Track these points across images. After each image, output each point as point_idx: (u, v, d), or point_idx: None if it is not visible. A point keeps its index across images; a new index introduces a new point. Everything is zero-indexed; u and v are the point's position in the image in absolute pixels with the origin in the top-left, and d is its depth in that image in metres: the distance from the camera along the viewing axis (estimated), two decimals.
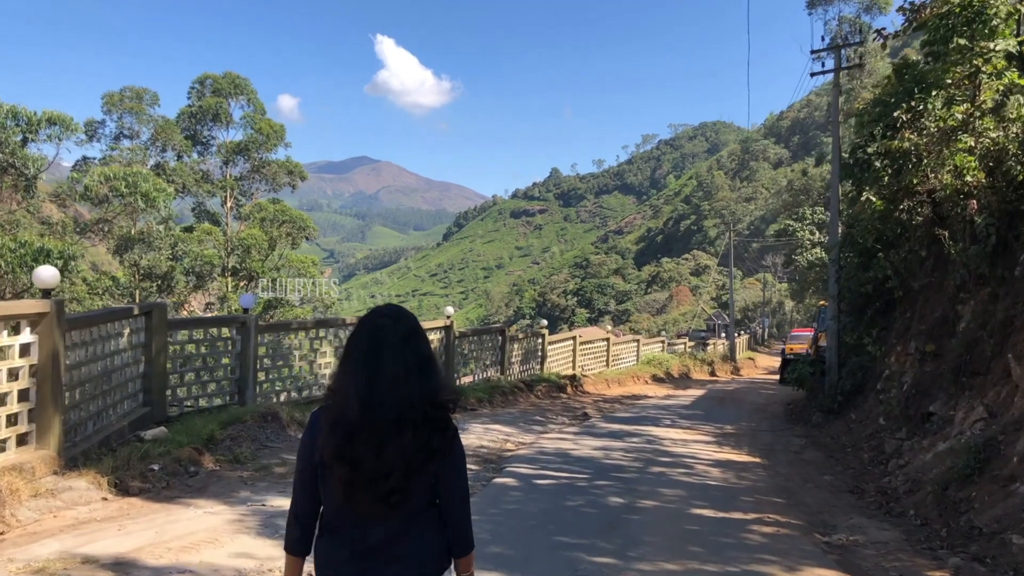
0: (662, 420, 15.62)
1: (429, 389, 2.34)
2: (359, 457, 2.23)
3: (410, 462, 2.27)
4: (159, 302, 10.22)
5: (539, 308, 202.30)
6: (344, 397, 2.29)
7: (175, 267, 41.69)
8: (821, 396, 17.23)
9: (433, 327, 17.04)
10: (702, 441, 12.77)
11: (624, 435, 12.74)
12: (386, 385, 2.26)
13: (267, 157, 50.15)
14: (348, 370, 2.33)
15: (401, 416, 2.26)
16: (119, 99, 48.17)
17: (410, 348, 2.35)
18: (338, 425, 2.26)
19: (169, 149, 48.60)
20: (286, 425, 10.51)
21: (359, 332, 2.39)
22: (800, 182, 79.89)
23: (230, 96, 50.21)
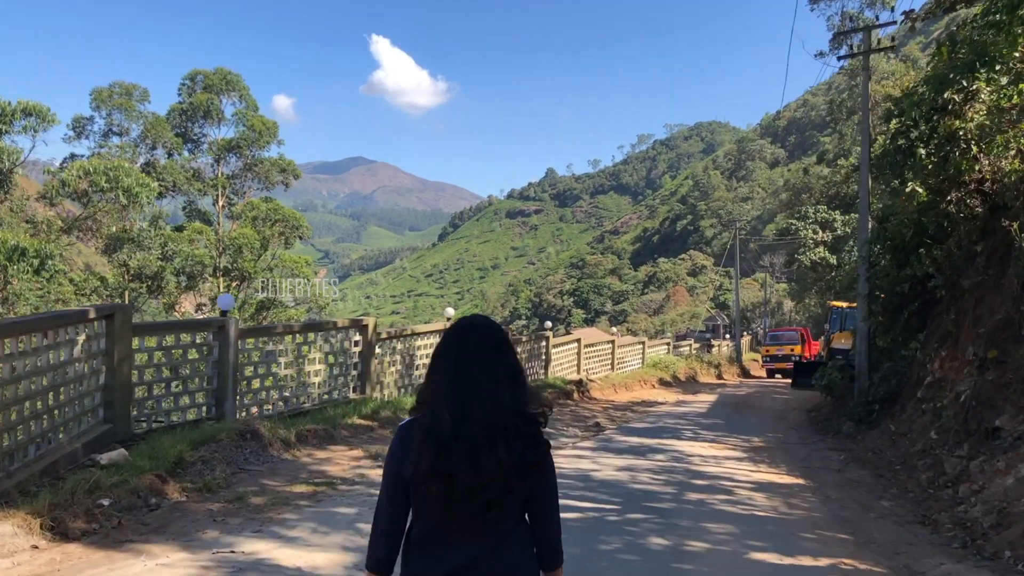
0: (682, 432, 14.34)
1: (519, 401, 2.29)
2: (455, 471, 2.17)
3: (507, 476, 2.21)
4: (121, 304, 8.92)
5: (535, 309, 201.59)
6: (434, 410, 2.25)
7: (165, 267, 40.88)
8: (851, 404, 15.96)
9: (432, 330, 15.79)
10: (733, 458, 11.49)
11: (647, 451, 11.48)
12: (476, 397, 2.23)
13: (259, 155, 49.25)
14: (437, 382, 2.30)
15: (493, 429, 2.21)
16: (108, 95, 47.00)
17: (499, 358, 2.31)
18: (430, 439, 2.21)
19: (159, 146, 47.51)
20: (268, 444, 9.22)
21: (447, 343, 2.37)
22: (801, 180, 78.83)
23: (222, 92, 49.20)
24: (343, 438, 10.53)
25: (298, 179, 52.18)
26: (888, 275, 14.76)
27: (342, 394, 12.83)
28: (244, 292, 44.98)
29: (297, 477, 8.48)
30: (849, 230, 59.22)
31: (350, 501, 7.63)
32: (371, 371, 13.34)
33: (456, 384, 2.24)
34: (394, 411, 12.26)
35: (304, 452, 9.60)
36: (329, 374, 12.61)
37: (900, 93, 31.18)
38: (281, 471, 8.67)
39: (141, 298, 40.89)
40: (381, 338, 13.91)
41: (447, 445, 2.18)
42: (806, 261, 60.80)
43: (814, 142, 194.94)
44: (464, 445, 2.18)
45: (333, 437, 10.39)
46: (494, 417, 2.21)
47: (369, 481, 8.50)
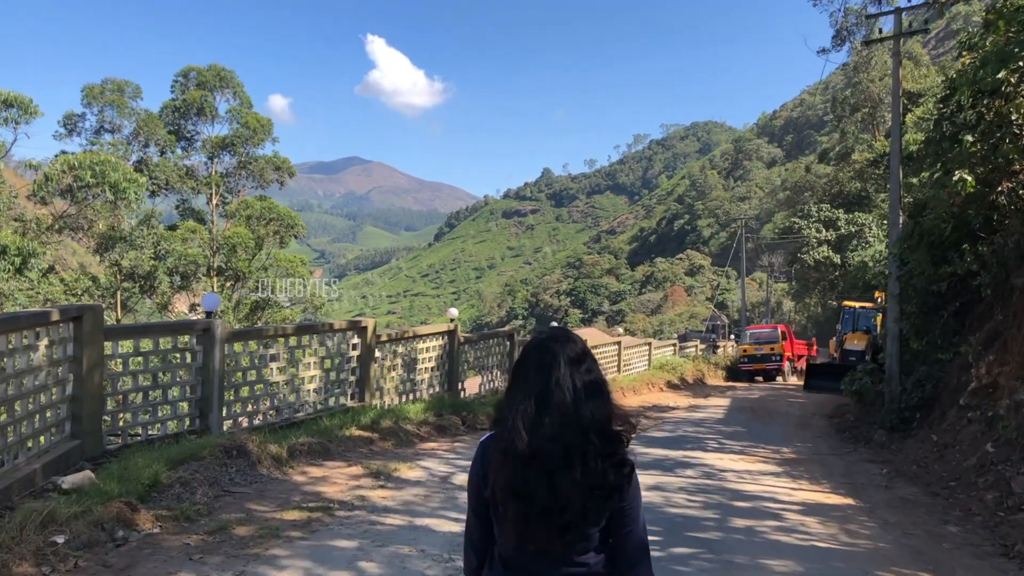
0: (706, 442, 13.32)
1: (600, 417, 2.17)
2: (531, 492, 2.11)
3: (585, 498, 2.11)
4: (91, 305, 7.90)
5: (532, 309, 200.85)
6: (512, 426, 2.15)
7: (158, 267, 40.26)
8: (881, 410, 14.95)
9: (435, 332, 14.78)
10: (769, 473, 10.49)
11: (674, 465, 10.47)
12: (553, 413, 2.13)
13: (254, 152, 48.49)
14: (515, 397, 2.21)
15: (570, 446, 2.11)
16: (100, 91, 46.15)
17: (580, 372, 2.20)
18: (507, 457, 2.15)
19: (152, 144, 46.71)
20: (256, 461, 8.19)
21: (526, 356, 2.29)
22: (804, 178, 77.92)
23: (215, 89, 48.41)
24: (340, 453, 9.50)
25: (293, 177, 51.49)
26: (923, 273, 13.78)
27: (339, 402, 11.81)
28: (238, 292, 44.35)
29: (289, 500, 7.47)
30: (853, 229, 58.49)
31: (349, 532, 6.62)
32: (370, 377, 12.32)
33: (534, 399, 2.16)
34: (395, 421, 11.25)
35: (297, 469, 8.58)
36: (325, 380, 11.59)
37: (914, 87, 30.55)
38: (271, 493, 7.65)
39: (134, 298, 40.25)
40: (381, 341, 12.88)
41: (524, 463, 2.11)
42: (809, 260, 59.81)
43: (812, 141, 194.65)
44: (540, 463, 2.10)
45: (329, 452, 9.36)
46: (571, 435, 2.11)
47: (370, 505, 7.50)
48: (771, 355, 35.48)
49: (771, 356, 35.43)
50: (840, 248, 58.84)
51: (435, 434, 11.84)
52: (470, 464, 2.35)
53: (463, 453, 10.42)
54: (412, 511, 7.38)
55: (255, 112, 49.25)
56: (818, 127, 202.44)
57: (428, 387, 14.42)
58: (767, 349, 35.65)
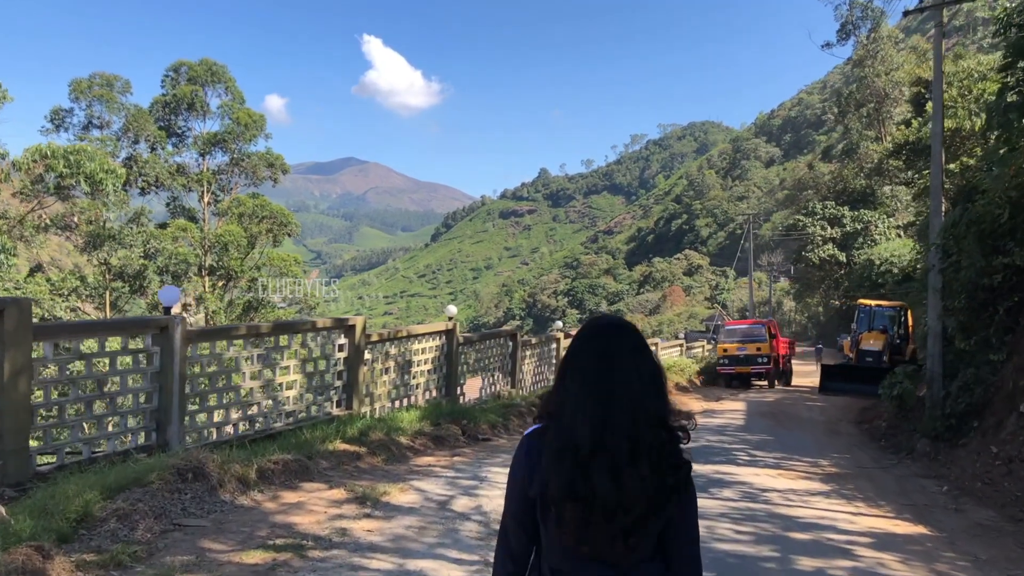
0: (734, 454, 11.92)
1: (663, 409, 2.00)
2: (595, 491, 1.90)
3: (651, 495, 1.92)
4: (16, 298, 6.46)
5: (529, 309, 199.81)
6: (570, 420, 1.96)
7: (148, 266, 39.40)
8: (922, 416, 13.56)
9: (432, 331, 13.41)
10: (817, 492, 9.10)
11: (708, 484, 9.08)
12: (620, 404, 1.94)
13: (246, 149, 47.44)
14: (572, 388, 2.00)
15: (637, 442, 1.92)
16: (88, 86, 45.02)
17: (642, 361, 2.01)
18: (565, 454, 1.94)
19: (142, 140, 45.66)
20: (218, 485, 6.79)
21: (583, 345, 2.06)
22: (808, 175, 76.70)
23: (207, 84, 47.40)
24: (321, 471, 8.11)
25: (286, 174, 50.52)
26: (972, 265, 12.39)
27: (323, 410, 10.42)
28: (231, 292, 43.43)
29: (253, 536, 6.07)
30: (859, 226, 57.27)
31: None
32: (359, 381, 10.91)
33: (596, 389, 1.96)
34: (386, 432, 9.85)
35: (268, 494, 7.17)
36: (307, 386, 10.20)
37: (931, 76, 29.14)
38: (232, 525, 6.26)
39: (123, 298, 39.38)
40: (371, 341, 11.48)
41: (586, 461, 1.92)
42: (814, 259, 58.63)
43: (810, 141, 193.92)
44: (606, 460, 1.91)
45: (308, 471, 7.96)
46: (639, 428, 1.93)
47: (353, 541, 6.11)
48: (756, 356, 29.37)
49: (756, 358, 29.36)
50: (845, 246, 57.69)
51: (432, 446, 10.46)
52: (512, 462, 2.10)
53: (464, 470, 9.03)
54: (403, 549, 6.01)
55: (247, 108, 48.24)
56: (816, 126, 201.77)
57: (424, 392, 13.05)
58: (752, 349, 29.38)
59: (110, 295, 38.74)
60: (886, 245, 51.83)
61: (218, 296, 42.43)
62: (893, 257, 48.78)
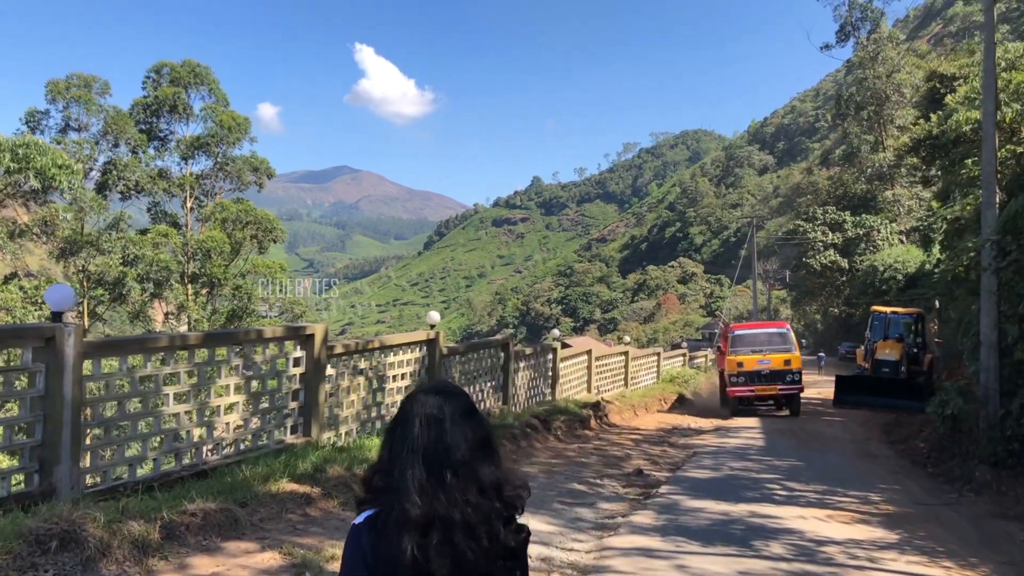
0: (766, 486, 10.06)
1: (498, 478, 1.90)
2: (433, 565, 1.78)
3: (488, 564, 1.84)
4: None
5: (523, 317, 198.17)
6: (402, 494, 1.82)
7: (127, 273, 37.76)
8: (977, 438, 11.78)
9: (411, 342, 11.64)
10: (886, 544, 7.15)
11: (748, 533, 7.25)
12: (449, 474, 1.84)
13: (230, 153, 45.68)
14: (398, 458, 1.88)
15: (469, 513, 1.82)
16: (65, 87, 43.07)
17: (473, 427, 1.93)
18: (401, 530, 1.79)
19: (122, 143, 43.71)
20: (99, 554, 4.98)
21: (409, 411, 1.94)
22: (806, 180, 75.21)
23: (189, 86, 45.50)
24: (255, 524, 6.30)
25: (272, 178, 48.75)
26: None
27: (274, 438, 8.61)
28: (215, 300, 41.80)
29: None
30: (861, 232, 55.71)
31: None
32: (319, 402, 9.11)
33: (423, 459, 1.86)
34: (349, 465, 8.02)
35: (173, 562, 5.36)
36: (253, 409, 8.41)
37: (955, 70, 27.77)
38: None
39: (103, 307, 37.76)
40: (335, 354, 9.68)
41: (421, 535, 1.80)
42: (816, 264, 57.05)
43: (803, 148, 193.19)
44: (439, 534, 1.80)
45: (237, 524, 6.15)
46: (472, 498, 1.84)
47: None
48: (784, 373, 21.75)
49: (784, 374, 21.74)
50: (847, 252, 56.14)
51: None
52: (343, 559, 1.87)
53: None
54: None
55: (231, 111, 46.52)
56: (810, 133, 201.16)
57: None
58: (777, 362, 21.82)
59: (89, 303, 37.26)
60: (889, 251, 50.33)
61: (201, 304, 40.79)
62: (897, 263, 47.26)
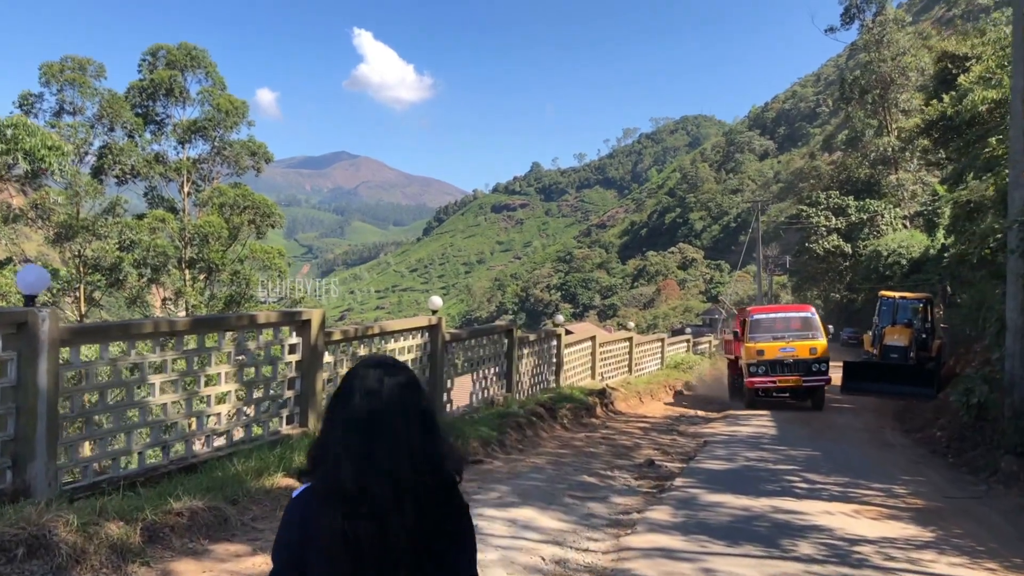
0: (785, 478, 9.58)
1: (434, 453, 1.88)
2: (361, 537, 1.75)
3: (421, 544, 1.80)
4: None
5: (522, 303, 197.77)
6: (332, 465, 1.81)
7: (124, 258, 37.46)
8: (1000, 428, 11.34)
9: (412, 328, 11.17)
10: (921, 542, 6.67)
11: (774, 531, 6.77)
12: (384, 444, 1.82)
13: (228, 137, 45.16)
14: (335, 431, 1.86)
15: (401, 485, 1.79)
16: (59, 69, 42.44)
17: (410, 402, 1.89)
18: (331, 500, 1.78)
19: (118, 127, 43.20)
20: (72, 560, 4.51)
21: (348, 385, 1.92)
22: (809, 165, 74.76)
23: (186, 69, 44.92)
24: (247, 524, 5.84)
25: (270, 163, 48.26)
26: None
27: (269, 429, 8.15)
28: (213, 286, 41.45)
29: None
30: (864, 216, 55.27)
31: None
32: (316, 391, 8.64)
33: (359, 430, 1.83)
34: None
35: (156, 567, 4.90)
36: (246, 399, 7.94)
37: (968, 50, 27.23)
38: None
39: (97, 292, 37.47)
40: (333, 340, 9.21)
41: (352, 506, 1.77)
42: (818, 249, 56.63)
43: (804, 133, 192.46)
44: (370, 505, 1.77)
45: (227, 524, 5.70)
46: (404, 470, 1.80)
47: None
48: (811, 362, 19.22)
49: (811, 364, 19.20)
50: (850, 237, 55.72)
51: None
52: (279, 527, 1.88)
53: None
54: None
55: (228, 94, 45.93)
56: (811, 119, 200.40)
57: None
58: (803, 350, 19.35)
59: (86, 289, 36.98)
60: (893, 236, 49.91)
61: (199, 290, 40.44)
62: (901, 248, 46.86)
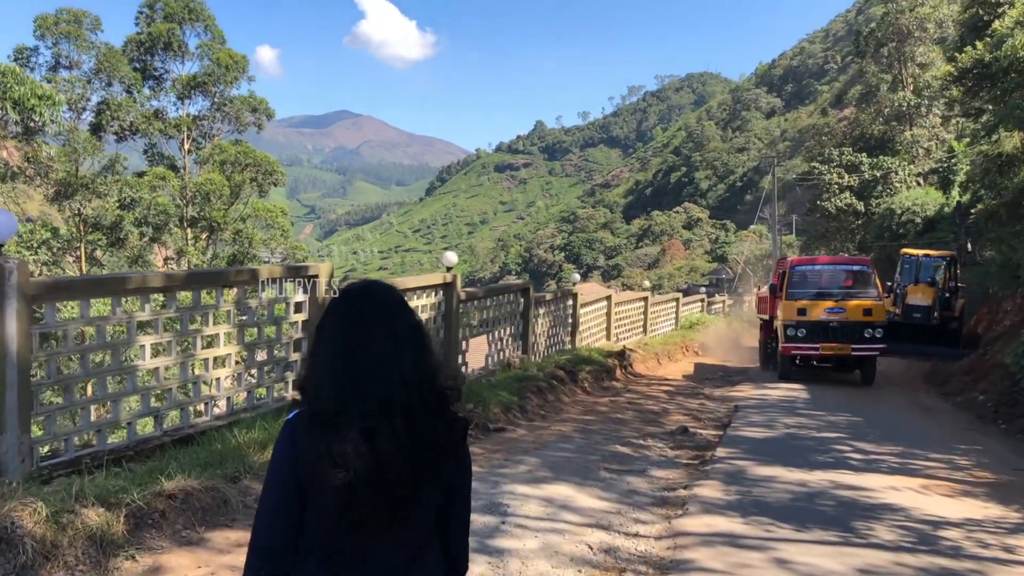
0: (836, 448, 8.70)
1: (425, 367, 1.82)
2: (348, 455, 1.70)
3: (413, 458, 1.75)
4: None
5: (525, 264, 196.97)
6: (316, 387, 1.79)
7: (124, 217, 36.76)
8: None
9: (426, 285, 10.42)
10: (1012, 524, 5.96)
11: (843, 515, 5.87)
12: (370, 361, 1.76)
13: (228, 93, 44.13)
14: (321, 354, 1.83)
15: (390, 399, 1.74)
16: (54, 22, 41.28)
17: (398, 317, 1.85)
18: (315, 420, 1.76)
19: (116, 82, 42.06)
20: (41, 556, 3.78)
21: (333, 306, 1.90)
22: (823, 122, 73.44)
23: (184, 22, 43.70)
24: (248, 506, 5.07)
25: (271, 119, 47.14)
26: None
27: (273, 395, 7.41)
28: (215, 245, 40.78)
29: None
30: (878, 174, 54.32)
31: None
32: None
33: (344, 355, 1.78)
34: None
35: (142, 561, 4.18)
36: (248, 363, 7.19)
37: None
38: None
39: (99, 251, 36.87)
40: None
41: (336, 424, 1.73)
42: (831, 207, 55.72)
43: (812, 91, 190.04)
44: (357, 426, 1.72)
45: (226, 505, 4.96)
46: (392, 389, 1.75)
47: None
48: (863, 326, 16.12)
49: (863, 329, 16.10)
50: (862, 195, 54.83)
51: None
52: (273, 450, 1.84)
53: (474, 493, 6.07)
54: None
55: (228, 48, 44.76)
56: (819, 76, 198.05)
57: None
58: (855, 311, 16.28)
59: (86, 248, 36.34)
60: (907, 194, 49.00)
61: (201, 249, 39.76)
62: (915, 206, 45.99)
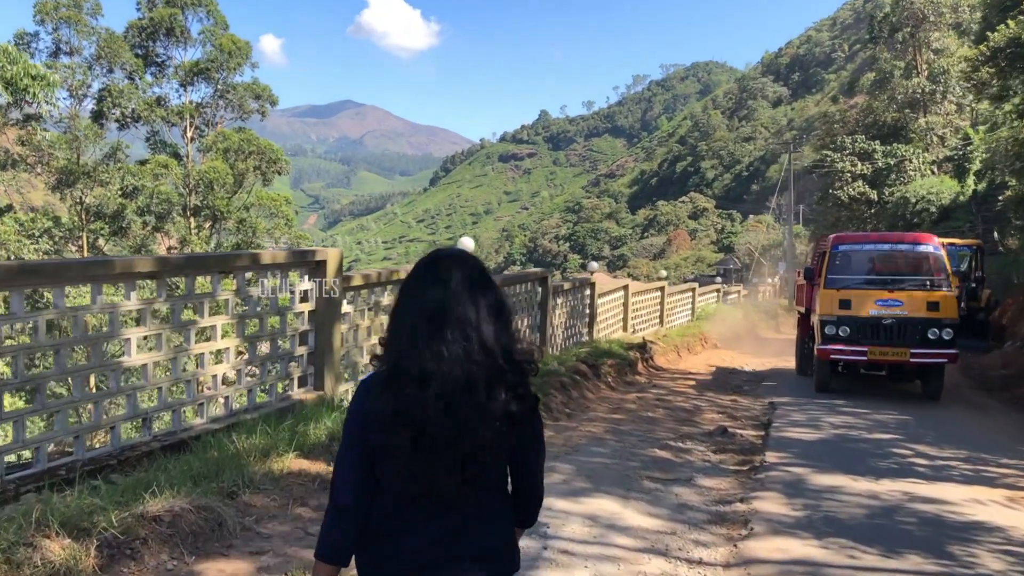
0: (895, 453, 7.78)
1: (505, 339, 1.85)
2: (423, 417, 1.75)
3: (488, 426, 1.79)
4: None
5: (530, 254, 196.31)
6: (399, 350, 1.82)
7: (127, 205, 36.37)
8: None
9: None
10: None
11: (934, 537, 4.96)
12: (455, 331, 1.79)
13: (231, 80, 43.63)
14: (406, 318, 1.86)
15: (472, 370, 1.78)
16: (54, 7, 40.69)
17: (481, 289, 1.88)
18: (393, 381, 1.79)
19: (117, 69, 41.60)
20: None
21: (419, 272, 1.93)
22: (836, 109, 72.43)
23: (186, 7, 43.20)
24: (248, 527, 4.34)
25: (275, 106, 46.77)
26: None
27: (276, 393, 6.67)
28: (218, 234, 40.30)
29: None
30: (892, 162, 53.46)
31: None
32: (334, 347, 7.11)
33: (431, 318, 1.81)
34: None
35: None
36: (249, 358, 6.45)
37: None
38: None
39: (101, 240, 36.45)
40: (353, 286, 7.65)
41: (416, 387, 1.76)
42: (843, 196, 54.95)
43: (819, 79, 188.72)
44: (436, 387, 1.76)
45: (222, 528, 4.21)
46: (475, 356, 1.79)
47: None
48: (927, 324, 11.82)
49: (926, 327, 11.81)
50: (876, 183, 54.02)
51: None
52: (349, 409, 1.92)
53: None
54: None
55: (231, 34, 44.27)
56: (826, 64, 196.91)
57: None
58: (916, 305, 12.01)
59: (88, 237, 35.92)
60: (921, 182, 48.25)
61: (204, 238, 39.23)
62: (930, 194, 45.17)
